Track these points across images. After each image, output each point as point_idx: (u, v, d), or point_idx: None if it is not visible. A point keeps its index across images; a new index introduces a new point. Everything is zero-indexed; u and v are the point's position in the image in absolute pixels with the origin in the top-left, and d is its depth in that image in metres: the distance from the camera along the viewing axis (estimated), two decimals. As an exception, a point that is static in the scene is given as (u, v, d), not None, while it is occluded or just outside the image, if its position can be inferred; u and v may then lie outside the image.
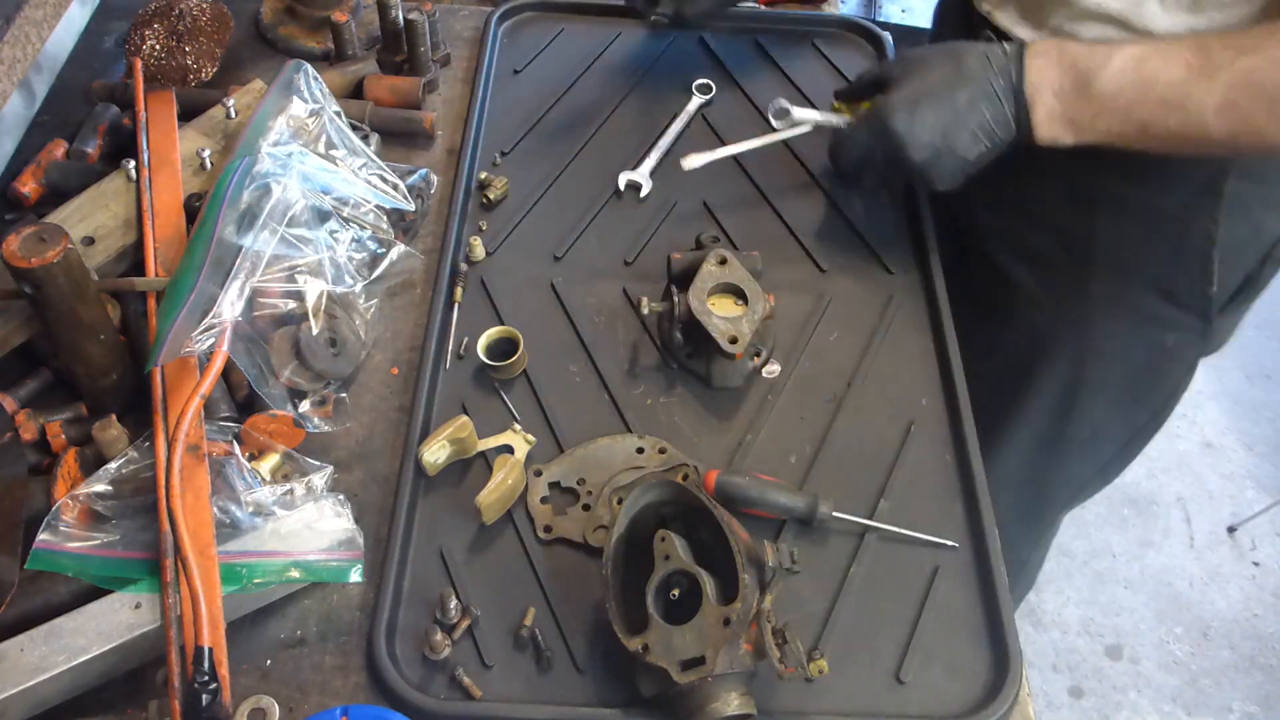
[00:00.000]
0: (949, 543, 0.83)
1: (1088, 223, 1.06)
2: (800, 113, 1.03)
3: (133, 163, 0.96)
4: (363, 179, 0.97)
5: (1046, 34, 0.97)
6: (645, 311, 0.91)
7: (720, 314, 0.88)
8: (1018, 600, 1.72)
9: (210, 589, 0.71)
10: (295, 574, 0.75)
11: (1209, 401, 2.42)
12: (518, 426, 0.87)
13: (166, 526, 0.73)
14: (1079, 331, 1.09)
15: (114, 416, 0.81)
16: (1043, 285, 1.11)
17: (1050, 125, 0.88)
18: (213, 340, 0.79)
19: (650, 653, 0.69)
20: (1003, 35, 1.01)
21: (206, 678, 0.67)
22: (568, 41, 1.24)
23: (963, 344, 0.96)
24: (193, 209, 0.93)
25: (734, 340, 0.87)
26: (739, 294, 0.90)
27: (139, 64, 1.07)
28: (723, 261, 0.91)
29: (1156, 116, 0.85)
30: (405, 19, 1.12)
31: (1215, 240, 1.02)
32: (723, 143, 1.10)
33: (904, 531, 0.83)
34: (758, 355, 0.93)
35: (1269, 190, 1.03)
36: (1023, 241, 1.11)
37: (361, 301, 0.94)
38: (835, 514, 0.82)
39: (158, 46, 1.10)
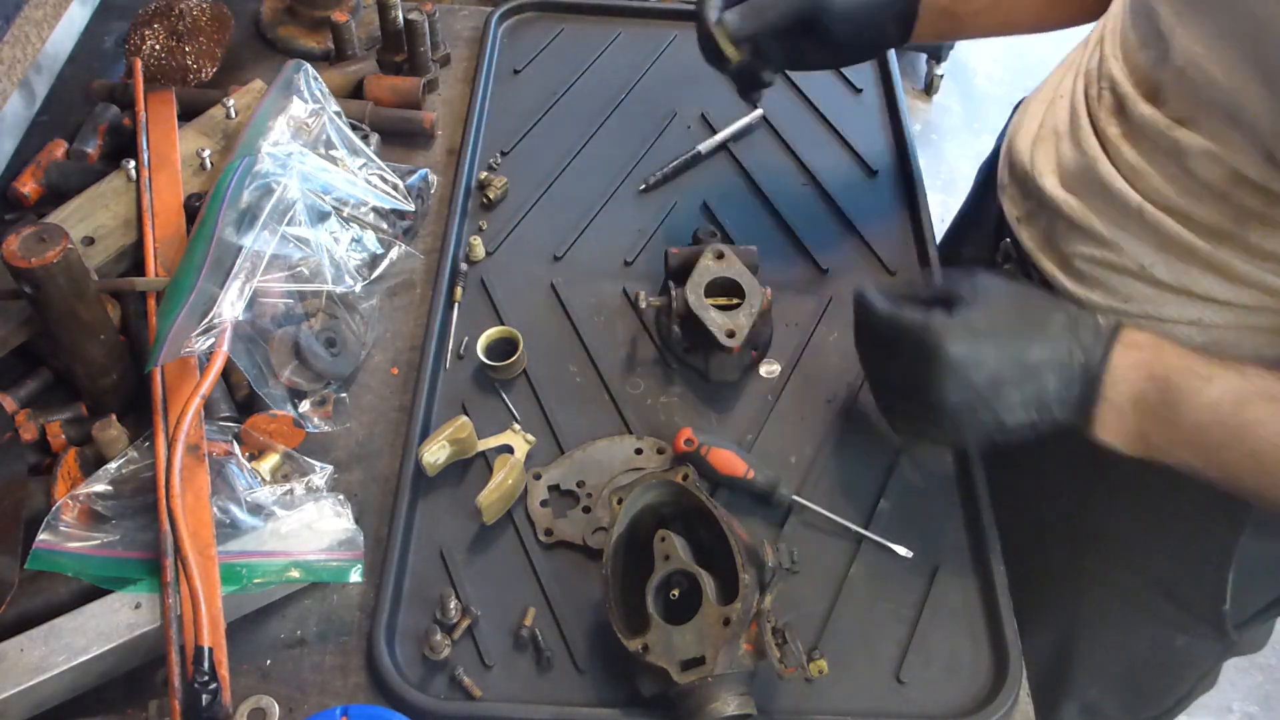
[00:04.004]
0: (901, 550, 0.82)
1: (1087, 492, 0.94)
2: None
3: (133, 163, 0.96)
4: (363, 179, 0.97)
5: (1069, 276, 0.85)
6: (643, 306, 0.91)
7: (717, 308, 0.88)
8: None
9: (210, 589, 0.71)
10: (295, 574, 0.75)
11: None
12: (518, 426, 0.87)
13: (166, 526, 0.73)
14: (1069, 606, 0.91)
15: (114, 416, 0.81)
16: (1030, 538, 0.93)
17: (1115, 431, 0.73)
18: (213, 340, 0.79)
19: (650, 653, 0.69)
20: (1025, 259, 0.91)
21: (206, 678, 0.67)
22: (568, 41, 1.24)
23: None
24: (193, 209, 0.93)
25: (731, 334, 0.87)
26: (736, 288, 0.90)
27: (139, 64, 1.07)
28: (720, 256, 0.91)
29: (1245, 470, 0.70)
30: (405, 19, 1.12)
31: (1233, 558, 0.90)
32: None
33: (862, 531, 0.83)
34: (755, 349, 0.93)
35: None
36: (1015, 489, 0.91)
37: (361, 301, 0.94)
38: (795, 498, 0.83)
39: (158, 46, 1.10)
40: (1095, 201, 0.82)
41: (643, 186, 1.08)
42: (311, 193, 0.91)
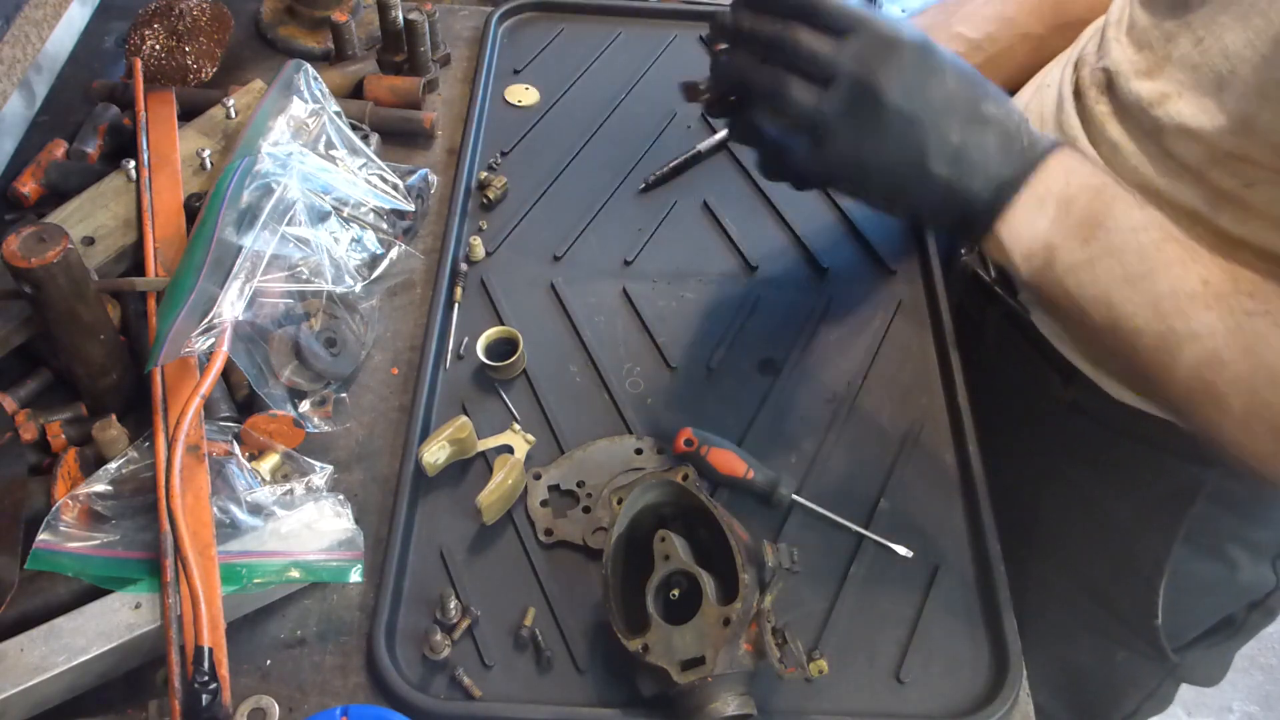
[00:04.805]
0: (901, 550, 0.82)
1: (1034, 495, 0.95)
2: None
3: (133, 163, 0.96)
4: (363, 179, 0.97)
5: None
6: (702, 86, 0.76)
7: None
8: None
9: (210, 589, 0.71)
10: (295, 574, 0.75)
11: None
12: (518, 426, 0.87)
13: (166, 526, 0.73)
14: (1014, 608, 0.82)
15: (114, 416, 0.81)
16: None
17: (1021, 230, 0.67)
18: (213, 340, 0.79)
19: (650, 653, 0.69)
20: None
21: (206, 678, 0.67)
22: (568, 41, 1.24)
23: None
24: (193, 209, 0.93)
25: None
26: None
27: (139, 64, 1.07)
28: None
29: (1136, 322, 0.64)
30: (405, 19, 1.12)
31: (1164, 570, 0.90)
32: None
33: (862, 531, 0.83)
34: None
35: (1249, 528, 0.89)
36: None
37: (361, 301, 0.94)
38: (795, 498, 0.83)
39: (158, 46, 1.10)
40: None
41: (642, 186, 1.08)
42: (311, 193, 0.91)
